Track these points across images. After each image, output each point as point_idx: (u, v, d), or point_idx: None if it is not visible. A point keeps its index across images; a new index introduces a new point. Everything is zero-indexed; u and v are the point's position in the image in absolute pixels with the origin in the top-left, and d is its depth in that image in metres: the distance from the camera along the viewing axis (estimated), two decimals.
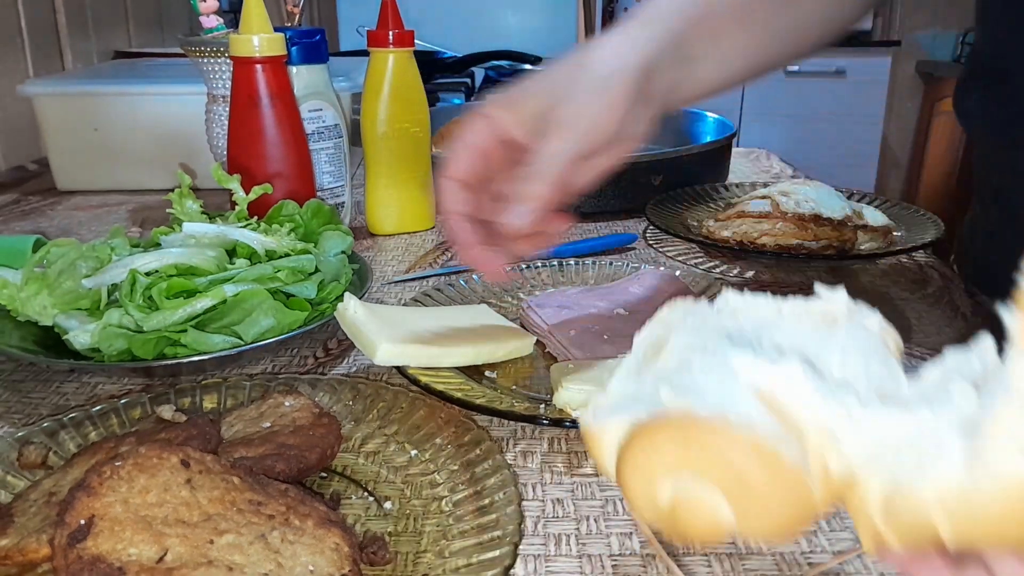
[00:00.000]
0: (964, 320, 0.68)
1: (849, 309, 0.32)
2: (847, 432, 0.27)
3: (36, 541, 0.36)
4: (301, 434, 0.45)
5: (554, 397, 0.51)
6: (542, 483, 0.47)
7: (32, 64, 1.27)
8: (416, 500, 0.44)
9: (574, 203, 0.49)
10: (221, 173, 0.71)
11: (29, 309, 0.59)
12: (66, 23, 1.35)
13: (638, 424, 0.30)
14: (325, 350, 0.63)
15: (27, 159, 1.27)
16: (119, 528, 0.33)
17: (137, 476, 0.35)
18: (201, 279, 0.59)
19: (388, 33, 0.82)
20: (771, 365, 0.28)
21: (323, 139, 0.87)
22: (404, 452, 0.47)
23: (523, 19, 2.92)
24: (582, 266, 0.75)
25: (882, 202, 0.93)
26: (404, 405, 0.51)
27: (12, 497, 0.41)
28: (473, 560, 0.38)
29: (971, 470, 0.25)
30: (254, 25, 0.73)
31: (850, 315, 0.32)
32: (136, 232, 0.90)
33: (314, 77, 0.85)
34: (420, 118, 0.87)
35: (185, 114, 1.04)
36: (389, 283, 0.77)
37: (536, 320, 0.63)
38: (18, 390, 0.57)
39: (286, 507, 0.37)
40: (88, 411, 0.49)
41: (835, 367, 0.30)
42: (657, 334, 0.34)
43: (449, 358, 0.56)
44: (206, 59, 0.87)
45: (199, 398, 0.52)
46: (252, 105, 0.74)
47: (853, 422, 0.27)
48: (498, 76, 2.29)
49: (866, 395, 0.28)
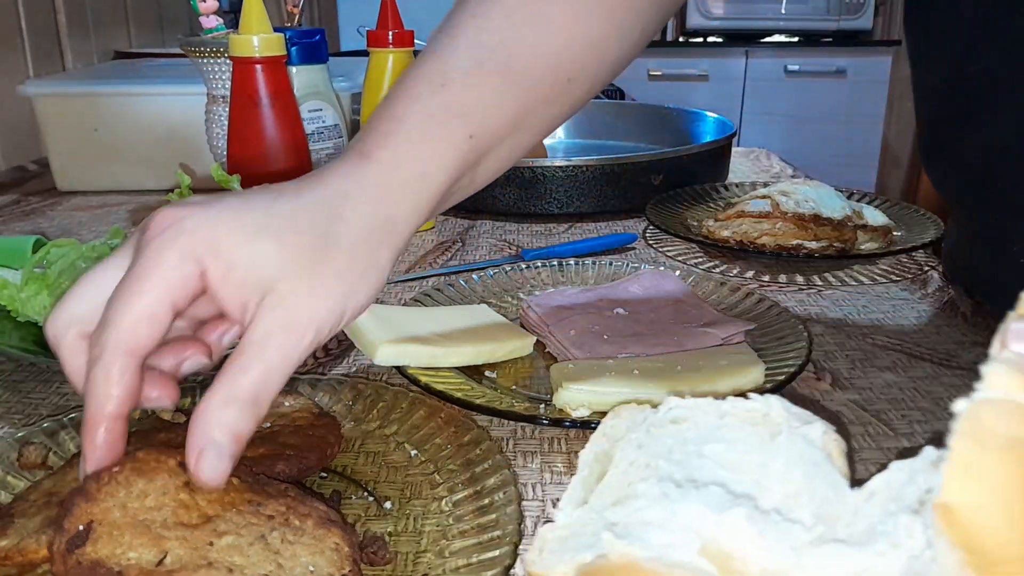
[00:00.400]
0: (964, 320, 0.68)
1: (788, 417, 0.32)
2: (792, 575, 0.26)
3: (36, 541, 0.36)
4: (301, 434, 0.45)
5: (554, 397, 0.51)
6: (542, 483, 0.47)
7: (32, 64, 1.27)
8: (416, 500, 0.44)
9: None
10: (221, 173, 0.71)
11: (29, 309, 0.59)
12: (66, 23, 1.35)
13: (583, 569, 0.29)
14: (325, 350, 0.63)
15: (27, 159, 1.27)
16: (118, 532, 0.33)
17: (135, 480, 0.35)
18: None
19: (388, 33, 0.82)
20: (714, 515, 0.27)
21: (323, 139, 0.87)
22: (404, 452, 0.47)
23: None
24: (582, 266, 0.75)
25: (882, 202, 0.93)
26: (404, 405, 0.51)
27: (12, 497, 0.41)
28: (473, 560, 0.38)
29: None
30: (254, 25, 0.73)
31: (790, 425, 0.32)
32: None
33: (314, 77, 0.85)
34: None
35: (185, 114, 1.04)
36: (389, 283, 0.77)
37: (536, 320, 0.63)
38: (18, 390, 0.57)
39: (286, 507, 0.37)
40: None
41: (777, 486, 0.29)
42: (603, 448, 0.34)
43: (449, 358, 0.56)
44: (206, 59, 0.87)
45: (199, 398, 0.52)
46: (252, 105, 0.74)
47: (799, 565, 0.26)
48: None
49: (811, 525, 0.27)
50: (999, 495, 0.23)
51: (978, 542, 0.23)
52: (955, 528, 0.23)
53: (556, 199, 0.95)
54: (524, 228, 0.94)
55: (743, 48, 3.29)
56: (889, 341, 0.64)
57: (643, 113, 1.33)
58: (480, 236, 0.91)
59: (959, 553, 0.23)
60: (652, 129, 1.30)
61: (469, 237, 0.91)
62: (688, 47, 3.37)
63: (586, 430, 0.51)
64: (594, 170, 0.94)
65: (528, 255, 0.82)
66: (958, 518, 0.23)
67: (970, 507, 0.23)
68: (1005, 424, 0.23)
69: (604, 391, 0.50)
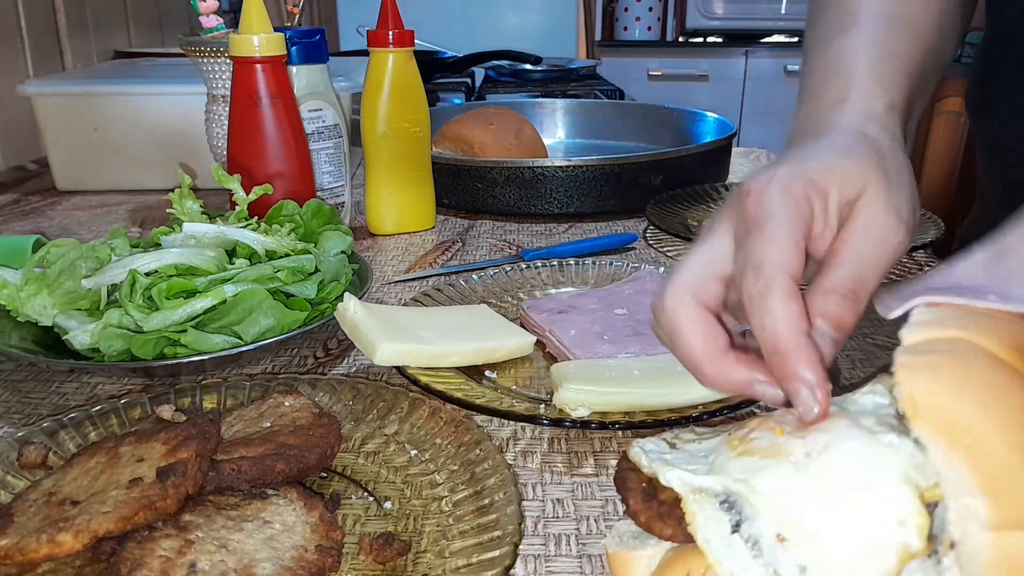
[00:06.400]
0: None
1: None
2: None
3: (36, 541, 0.36)
4: (301, 434, 0.45)
5: (554, 397, 0.51)
6: (542, 483, 0.47)
7: (32, 64, 1.27)
8: (416, 500, 0.44)
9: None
10: (221, 173, 0.71)
11: (29, 309, 0.59)
12: (66, 23, 1.35)
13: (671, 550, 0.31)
14: (325, 350, 0.63)
15: (27, 159, 1.27)
16: None
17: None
18: (201, 279, 0.59)
19: (388, 33, 0.82)
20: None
21: (323, 139, 0.87)
22: (404, 452, 0.47)
23: (523, 19, 2.92)
24: (582, 266, 0.75)
25: None
26: (404, 405, 0.51)
27: (12, 497, 0.41)
28: (473, 560, 0.38)
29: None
30: (254, 25, 0.73)
31: None
32: (136, 232, 0.90)
33: (314, 77, 0.85)
34: (420, 118, 0.87)
35: (185, 114, 1.04)
36: (389, 283, 0.77)
37: (536, 320, 0.63)
38: (18, 390, 0.57)
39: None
40: (88, 411, 0.49)
41: None
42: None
43: (449, 358, 0.56)
44: (206, 59, 0.87)
45: (199, 398, 0.52)
46: (252, 105, 0.74)
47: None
48: (498, 76, 2.29)
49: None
50: (946, 376, 0.29)
51: (939, 414, 0.28)
52: (920, 413, 0.28)
53: (556, 199, 0.95)
54: (524, 228, 0.94)
55: (743, 48, 3.30)
56: (889, 341, 0.63)
57: (643, 113, 1.33)
58: (480, 236, 0.91)
59: (932, 432, 0.28)
60: (652, 129, 1.30)
61: (469, 237, 0.91)
62: (688, 47, 3.37)
63: (586, 430, 0.51)
64: (594, 170, 0.94)
65: (528, 255, 0.82)
66: (922, 404, 0.29)
67: (925, 392, 0.29)
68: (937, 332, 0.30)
69: (604, 391, 0.50)
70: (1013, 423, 0.27)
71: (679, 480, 0.32)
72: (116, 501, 0.37)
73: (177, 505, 0.38)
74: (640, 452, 0.35)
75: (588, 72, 2.32)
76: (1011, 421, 0.27)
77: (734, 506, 0.30)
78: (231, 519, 0.38)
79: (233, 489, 0.41)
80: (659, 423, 0.48)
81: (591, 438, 0.51)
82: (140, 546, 0.36)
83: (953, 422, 0.28)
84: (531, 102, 1.40)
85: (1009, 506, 0.27)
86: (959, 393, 0.28)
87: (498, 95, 2.01)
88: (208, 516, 0.39)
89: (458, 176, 0.97)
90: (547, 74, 2.23)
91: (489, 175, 0.95)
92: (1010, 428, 0.27)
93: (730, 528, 0.30)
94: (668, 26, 3.43)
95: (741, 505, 0.30)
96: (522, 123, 1.10)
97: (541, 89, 2.10)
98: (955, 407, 0.28)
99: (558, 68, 2.27)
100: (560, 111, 1.37)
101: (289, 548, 0.37)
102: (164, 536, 0.37)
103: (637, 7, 3.35)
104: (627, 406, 0.50)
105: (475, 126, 1.07)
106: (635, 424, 0.49)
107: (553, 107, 1.37)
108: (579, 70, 2.28)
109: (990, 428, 0.27)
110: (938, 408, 0.28)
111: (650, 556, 0.34)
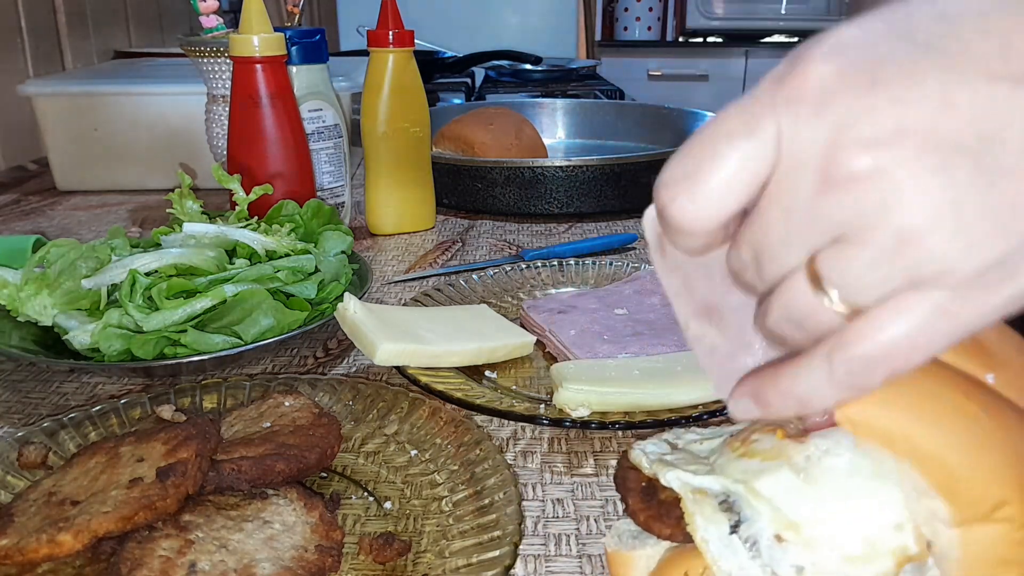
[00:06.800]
0: None
1: None
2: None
3: (36, 541, 0.36)
4: (301, 434, 0.45)
5: (554, 397, 0.51)
6: (542, 483, 0.47)
7: (32, 64, 1.27)
8: (416, 500, 0.44)
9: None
10: (221, 173, 0.71)
11: (29, 309, 0.59)
12: (66, 23, 1.35)
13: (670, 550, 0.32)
14: (325, 350, 0.63)
15: (27, 159, 1.27)
16: None
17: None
18: (201, 279, 0.59)
19: (388, 33, 0.82)
20: None
21: (323, 139, 0.87)
22: (404, 452, 0.47)
23: (523, 19, 2.92)
24: (582, 266, 0.75)
25: None
26: (404, 405, 0.51)
27: (12, 497, 0.41)
28: (473, 560, 0.38)
29: None
30: (254, 25, 0.73)
31: None
32: (136, 232, 0.90)
33: (314, 77, 0.85)
34: (420, 118, 0.87)
35: (185, 114, 1.04)
36: (389, 283, 0.77)
37: (536, 320, 0.63)
38: (18, 390, 0.57)
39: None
40: (88, 411, 0.49)
41: None
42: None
43: (449, 358, 0.56)
44: (206, 59, 0.87)
45: (199, 398, 0.52)
46: (252, 105, 0.74)
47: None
48: (498, 76, 2.29)
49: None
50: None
51: (874, 426, 0.28)
52: (860, 429, 0.29)
53: (556, 199, 0.95)
54: (524, 228, 0.94)
55: (743, 48, 3.29)
56: None
57: (643, 113, 1.33)
58: (480, 236, 0.91)
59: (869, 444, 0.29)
60: (652, 129, 1.30)
61: (469, 237, 0.91)
62: (688, 47, 3.37)
63: (586, 430, 0.51)
64: (594, 170, 0.94)
65: (528, 255, 0.82)
66: (858, 420, 0.28)
67: (857, 409, 0.28)
68: None
69: (604, 391, 0.50)
70: (945, 422, 0.28)
71: (678, 480, 0.32)
72: (116, 501, 0.37)
73: (177, 505, 0.38)
74: (640, 454, 0.35)
75: (588, 72, 2.32)
76: (943, 420, 0.28)
77: (733, 507, 0.30)
78: (231, 519, 0.39)
79: (233, 489, 0.41)
80: (659, 423, 0.48)
81: (591, 438, 0.51)
82: (140, 546, 0.36)
83: (891, 432, 0.28)
84: (531, 102, 1.40)
85: (964, 503, 0.27)
86: (887, 405, 0.28)
87: (498, 95, 2.01)
88: (208, 516, 0.39)
89: (458, 176, 0.97)
90: (547, 74, 2.23)
91: (489, 175, 0.95)
92: (943, 428, 0.27)
93: (729, 528, 0.30)
94: (668, 26, 3.43)
95: (740, 506, 0.30)
96: (522, 123, 1.10)
97: (541, 89, 2.10)
98: (887, 418, 0.28)
99: (558, 68, 2.27)
100: (560, 111, 1.37)
101: (289, 548, 0.37)
102: (164, 536, 0.37)
103: (637, 7, 3.35)
104: (627, 406, 0.50)
105: (475, 126, 1.07)
106: (635, 424, 0.49)
107: (553, 107, 1.37)
108: (579, 70, 2.29)
109: (924, 432, 0.27)
110: (870, 421, 0.28)
111: (649, 556, 0.34)
